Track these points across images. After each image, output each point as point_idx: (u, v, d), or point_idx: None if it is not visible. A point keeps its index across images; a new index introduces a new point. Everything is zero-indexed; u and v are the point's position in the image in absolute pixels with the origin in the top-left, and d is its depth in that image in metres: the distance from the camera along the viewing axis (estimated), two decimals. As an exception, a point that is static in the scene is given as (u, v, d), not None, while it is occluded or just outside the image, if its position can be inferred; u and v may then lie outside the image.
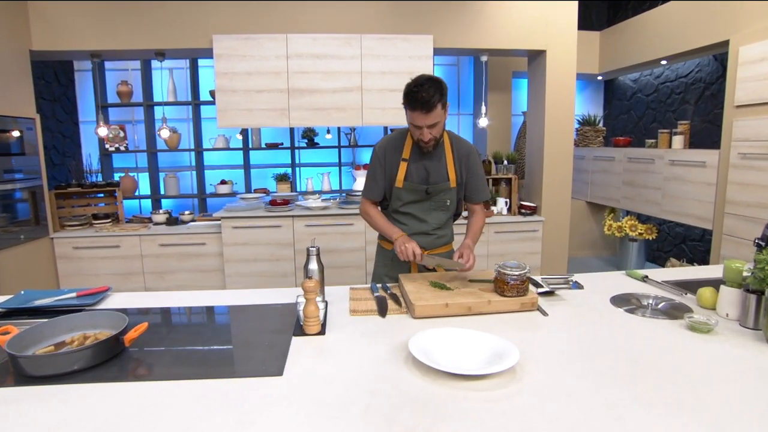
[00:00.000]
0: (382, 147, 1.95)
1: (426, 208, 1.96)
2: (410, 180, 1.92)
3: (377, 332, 1.43)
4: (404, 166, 1.91)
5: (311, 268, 1.61)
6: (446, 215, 1.99)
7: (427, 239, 1.98)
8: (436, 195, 1.94)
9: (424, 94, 1.66)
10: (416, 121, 1.74)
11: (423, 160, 1.91)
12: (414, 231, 1.96)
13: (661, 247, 5.14)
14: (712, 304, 1.53)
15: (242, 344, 1.40)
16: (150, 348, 1.34)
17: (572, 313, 1.55)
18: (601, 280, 1.92)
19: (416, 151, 1.90)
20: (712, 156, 3.62)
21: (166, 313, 1.67)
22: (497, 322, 1.48)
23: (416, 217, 1.97)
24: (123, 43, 3.76)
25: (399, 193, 1.94)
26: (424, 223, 1.97)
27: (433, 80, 1.71)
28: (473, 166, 1.97)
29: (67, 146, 5.10)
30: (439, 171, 1.92)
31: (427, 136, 1.76)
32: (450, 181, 1.93)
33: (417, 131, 1.78)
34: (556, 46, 4.00)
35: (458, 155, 1.94)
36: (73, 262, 3.89)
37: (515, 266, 1.57)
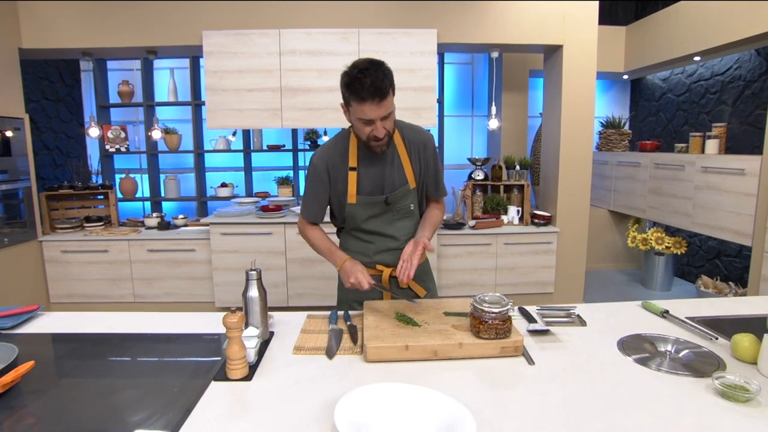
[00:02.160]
0: (322, 158, 1.59)
1: (389, 220, 1.64)
2: (363, 192, 1.59)
3: (316, 379, 1.16)
4: (354, 177, 1.57)
5: (250, 296, 1.35)
6: (412, 222, 1.68)
7: (396, 255, 1.63)
8: (397, 202, 1.62)
9: (373, 79, 1.35)
10: (367, 114, 1.41)
11: (374, 164, 1.58)
12: (381, 249, 1.67)
13: (691, 261, 4.68)
14: (752, 357, 1.19)
15: (147, 389, 1.14)
16: (31, 394, 1.09)
17: (566, 362, 1.23)
18: (611, 314, 1.59)
19: (364, 155, 1.58)
20: (752, 162, 3.20)
21: (80, 342, 1.42)
22: (468, 372, 1.18)
23: (380, 233, 1.65)
24: (113, 40, 3.61)
25: (354, 211, 1.61)
26: (391, 238, 1.66)
27: (376, 62, 1.40)
28: (431, 159, 1.65)
29: (71, 147, 5.02)
30: (395, 173, 1.60)
31: (382, 131, 1.44)
32: (409, 182, 1.62)
33: (367, 128, 1.45)
34: (574, 41, 3.64)
35: (415, 148, 1.61)
36: (62, 267, 3.76)
37: (495, 301, 1.26)
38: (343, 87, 1.43)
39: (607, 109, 5.45)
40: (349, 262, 1.57)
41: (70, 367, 1.27)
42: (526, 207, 3.92)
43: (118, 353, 1.36)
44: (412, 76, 3.58)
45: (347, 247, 1.71)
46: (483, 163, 4.05)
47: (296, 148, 4.67)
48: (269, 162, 4.98)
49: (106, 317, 1.60)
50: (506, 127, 4.80)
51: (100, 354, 1.36)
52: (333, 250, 1.65)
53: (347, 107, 1.48)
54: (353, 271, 1.52)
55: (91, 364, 1.30)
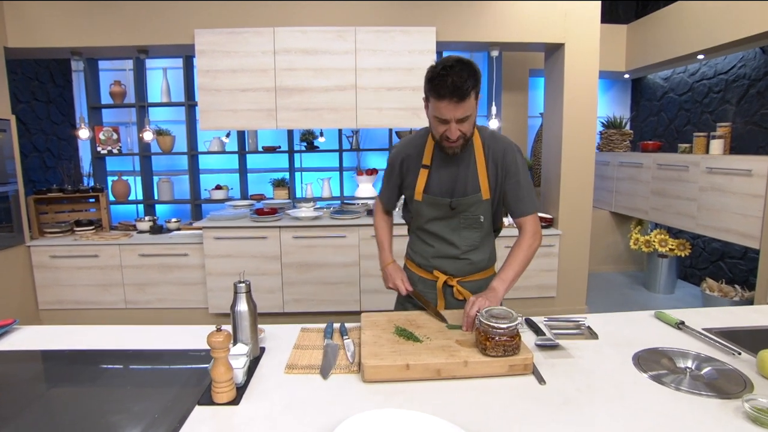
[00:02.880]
0: (399, 152, 1.60)
1: (453, 226, 1.57)
2: (431, 192, 1.55)
3: (309, 402, 1.06)
4: (424, 175, 1.54)
5: (239, 311, 1.25)
6: (479, 234, 1.58)
7: (456, 265, 1.60)
8: (464, 210, 1.54)
9: (455, 78, 1.28)
10: (443, 114, 1.35)
11: (447, 166, 1.53)
12: (440, 254, 1.61)
13: (695, 263, 4.61)
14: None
15: (124, 416, 1.04)
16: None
17: (580, 382, 1.14)
18: (623, 325, 1.50)
19: (439, 155, 1.52)
20: (760, 163, 3.12)
21: (53, 361, 1.33)
22: (475, 392, 1.09)
23: (442, 237, 1.59)
24: (103, 39, 3.51)
25: (419, 208, 1.58)
26: (452, 245, 1.58)
27: (464, 62, 1.33)
28: (512, 168, 1.52)
29: (63, 149, 4.91)
30: (468, 180, 1.52)
31: (455, 133, 1.37)
32: (481, 192, 1.52)
33: (441, 127, 1.39)
34: (575, 39, 3.56)
35: (492, 157, 1.51)
36: (51, 272, 3.65)
37: (502, 314, 1.17)
38: (425, 81, 1.38)
39: (608, 109, 5.38)
40: (393, 266, 1.63)
41: (38, 392, 1.17)
42: (527, 209, 3.83)
43: (93, 374, 1.26)
44: (410, 75, 3.49)
45: (411, 247, 1.72)
46: (483, 164, 3.95)
47: (292, 149, 4.57)
48: (265, 164, 4.88)
49: (86, 331, 1.50)
50: (506, 127, 4.71)
51: (74, 375, 1.26)
52: (385, 247, 1.71)
53: (426, 102, 1.43)
54: (394, 276, 1.60)
55: (63, 387, 1.20)
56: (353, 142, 4.55)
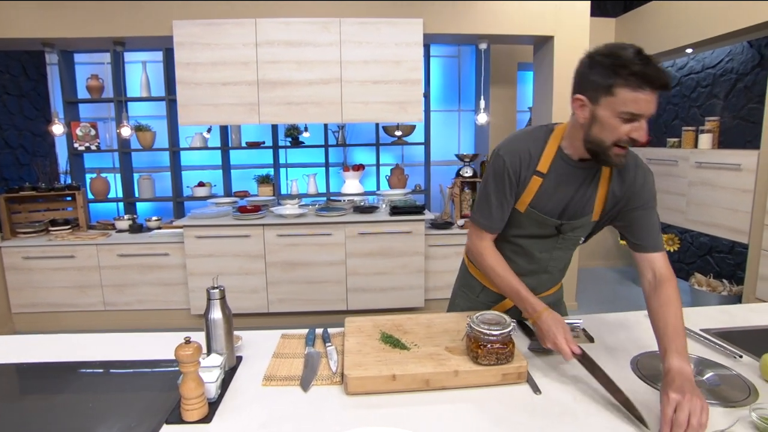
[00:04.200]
0: (515, 151, 1.25)
1: (548, 246, 1.34)
2: (539, 207, 1.27)
3: (287, 419, 0.98)
4: (537, 184, 1.24)
5: (213, 318, 1.16)
6: (570, 253, 1.42)
7: (536, 281, 1.40)
8: (568, 231, 1.31)
9: (656, 66, 1.03)
10: (642, 108, 1.05)
11: (567, 183, 1.24)
12: (523, 272, 1.36)
13: (682, 258, 4.61)
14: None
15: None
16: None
17: (576, 390, 1.07)
18: (618, 327, 1.44)
19: (561, 163, 1.24)
20: (749, 157, 3.10)
21: (7, 375, 1.22)
22: (466, 404, 1.02)
23: (531, 255, 1.36)
24: (76, 30, 3.37)
25: (517, 219, 1.31)
26: (541, 264, 1.38)
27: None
28: (647, 194, 1.25)
29: (37, 145, 4.73)
30: (586, 200, 1.26)
31: (646, 134, 1.09)
32: (593, 213, 1.29)
33: (626, 127, 1.08)
34: (565, 31, 3.50)
35: (622, 175, 1.24)
36: (24, 274, 3.51)
37: (495, 321, 1.10)
38: (607, 69, 1.05)
39: (596, 104, 5.34)
40: (550, 313, 1.18)
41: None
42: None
43: (55, 389, 1.16)
44: (396, 68, 3.40)
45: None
46: (471, 159, 3.89)
47: (277, 144, 4.46)
48: (249, 159, 4.76)
49: (51, 341, 1.39)
50: (494, 121, 4.65)
51: (32, 389, 1.16)
52: (524, 291, 1.25)
53: (598, 98, 1.09)
54: (555, 331, 1.14)
55: (19, 403, 1.10)
56: (339, 138, 4.45)
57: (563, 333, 1.13)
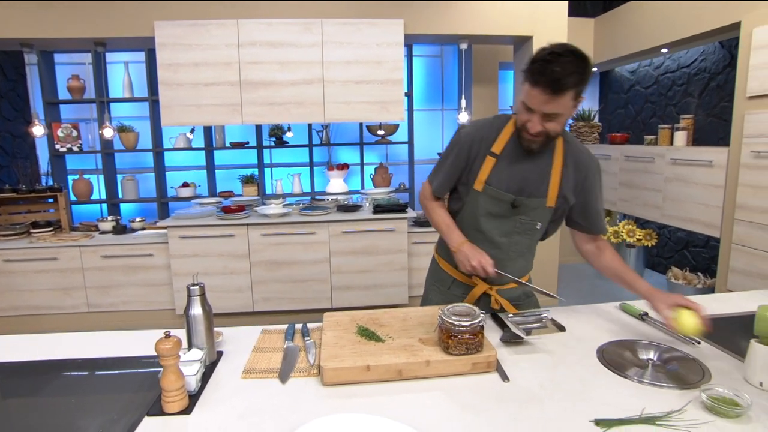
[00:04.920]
0: (472, 133, 1.44)
1: (508, 229, 1.46)
2: (495, 183, 1.41)
3: (265, 410, 1.02)
4: (490, 163, 1.40)
5: (193, 314, 1.19)
6: (530, 242, 1.51)
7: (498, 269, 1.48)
8: (523, 214, 1.42)
9: (557, 69, 1.15)
10: (531, 102, 1.23)
11: (520, 162, 1.39)
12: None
13: (661, 252, 4.72)
14: (695, 330, 1.16)
15: (62, 429, 0.98)
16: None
17: (543, 377, 1.13)
18: (587, 318, 1.50)
19: (513, 147, 1.40)
20: (720, 154, 3.20)
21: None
22: (436, 392, 1.06)
23: (491, 240, 1.47)
24: (56, 31, 3.35)
25: (476, 200, 1.44)
26: (501, 250, 1.47)
27: (576, 55, 1.19)
28: (593, 183, 1.44)
29: (18, 147, 4.67)
30: (539, 181, 1.41)
31: (536, 127, 1.26)
32: (547, 199, 1.42)
33: (525, 116, 1.28)
34: (544, 31, 3.58)
35: (574, 166, 1.41)
36: (5, 277, 3.47)
37: (465, 312, 1.15)
38: (528, 63, 1.23)
39: (577, 102, 5.44)
40: (470, 245, 1.40)
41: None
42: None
43: (35, 388, 1.18)
44: (378, 68, 3.44)
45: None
46: (454, 158, 3.95)
47: (261, 144, 4.47)
48: (233, 160, 4.77)
49: (32, 340, 1.41)
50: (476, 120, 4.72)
51: (11, 389, 1.18)
52: (453, 228, 1.47)
53: (523, 83, 1.27)
54: (475, 255, 1.35)
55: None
56: (323, 137, 4.48)
57: (479, 258, 1.35)
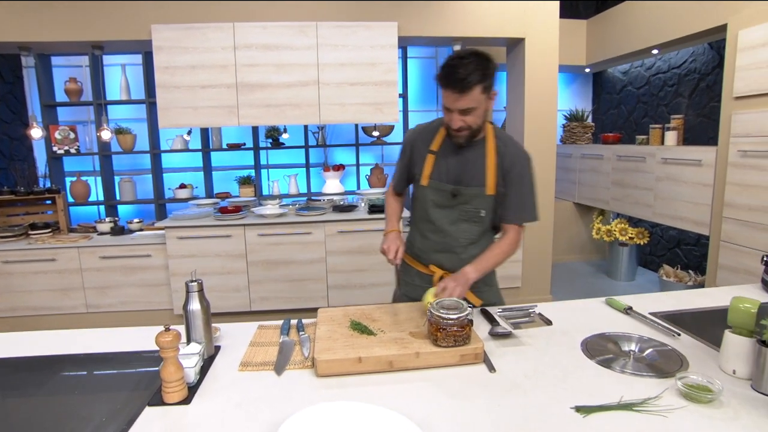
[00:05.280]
0: (411, 136, 1.67)
1: (454, 218, 1.58)
2: (436, 177, 1.58)
3: (261, 399, 1.06)
4: (431, 160, 1.58)
5: (192, 310, 1.24)
6: (479, 229, 1.60)
7: (453, 259, 1.60)
8: (465, 202, 1.56)
9: (460, 71, 1.34)
10: (446, 102, 1.42)
11: (456, 154, 1.56)
12: (438, 248, 1.62)
13: (653, 251, 4.78)
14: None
15: (70, 422, 1.02)
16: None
17: (528, 368, 1.17)
18: (574, 312, 1.55)
19: (449, 144, 1.57)
20: (708, 153, 3.26)
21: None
22: (426, 383, 1.11)
23: (441, 229, 1.59)
24: (54, 34, 3.38)
25: (423, 194, 1.61)
26: (450, 237, 1.59)
27: (478, 55, 1.38)
28: (519, 177, 1.55)
29: (15, 149, 4.70)
30: (475, 171, 1.55)
31: (457, 123, 1.44)
32: (487, 187, 1.55)
33: (447, 116, 1.47)
34: (535, 33, 3.63)
35: (503, 158, 1.55)
36: (4, 278, 3.50)
37: (453, 305, 1.19)
38: (439, 67, 1.43)
39: (571, 102, 5.51)
40: (394, 234, 1.60)
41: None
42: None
43: (39, 381, 1.22)
44: (372, 70, 3.48)
45: (410, 241, 1.73)
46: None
47: (257, 146, 4.51)
48: (230, 161, 4.80)
49: (31, 337, 1.45)
50: (471, 121, 4.77)
51: (16, 383, 1.22)
52: (392, 218, 1.71)
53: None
54: (392, 241, 1.54)
55: (4, 396, 1.16)
56: (319, 138, 4.52)
57: (397, 246, 1.52)
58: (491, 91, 1.42)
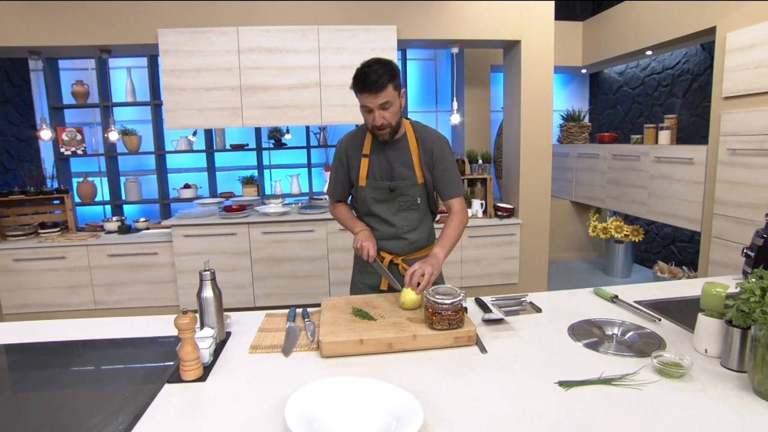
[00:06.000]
0: (343, 145, 1.81)
1: (394, 209, 1.76)
2: (372, 177, 1.75)
3: (270, 378, 1.15)
4: (365, 163, 1.74)
5: (205, 297, 1.33)
6: (418, 215, 1.78)
7: (399, 244, 1.78)
8: (402, 194, 1.74)
9: (372, 75, 1.53)
10: (366, 103, 1.58)
11: (385, 153, 1.73)
12: (384, 236, 1.78)
13: (649, 248, 4.87)
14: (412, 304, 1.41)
15: (97, 397, 1.11)
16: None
17: (518, 350, 1.27)
18: (564, 301, 1.64)
19: (377, 144, 1.73)
20: (699, 152, 3.35)
21: (25, 352, 1.37)
22: (422, 362, 1.20)
23: (384, 219, 1.77)
24: (63, 38, 3.47)
25: (363, 194, 1.77)
26: (393, 226, 1.77)
27: (382, 62, 1.58)
28: (441, 157, 1.75)
29: (23, 150, 4.81)
30: (403, 165, 1.73)
31: (380, 119, 1.59)
32: (417, 177, 1.73)
33: (369, 117, 1.62)
34: (531, 35, 3.72)
35: (423, 146, 1.74)
36: (15, 276, 3.60)
37: (447, 292, 1.29)
38: (351, 81, 1.60)
39: (568, 103, 5.60)
40: (366, 232, 1.73)
41: (13, 379, 1.22)
42: (489, 200, 3.99)
43: (66, 362, 1.32)
44: (373, 72, 3.58)
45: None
46: (447, 158, 4.09)
47: (260, 147, 4.61)
48: (233, 161, 4.90)
49: (55, 325, 1.54)
50: (469, 121, 4.87)
51: (46, 363, 1.31)
52: (354, 220, 1.82)
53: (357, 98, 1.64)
54: (364, 239, 1.67)
55: (37, 374, 1.25)
56: (321, 139, 4.62)
57: (370, 243, 1.65)
58: (400, 89, 1.62)
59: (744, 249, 1.78)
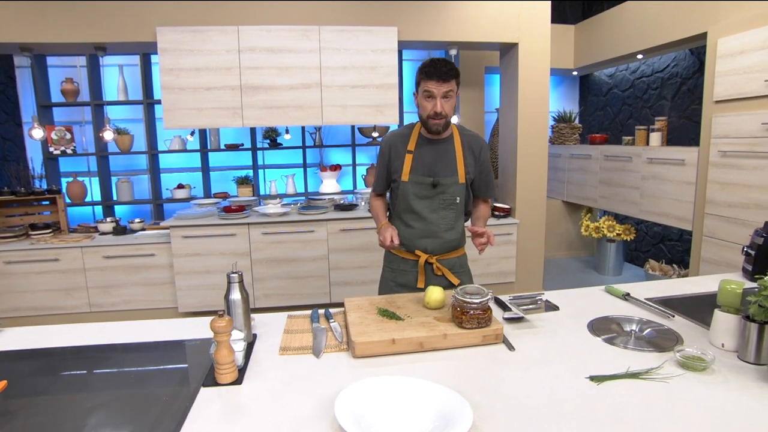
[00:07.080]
0: (388, 141, 1.89)
1: (434, 206, 1.82)
2: (416, 172, 1.81)
3: (306, 379, 1.17)
4: (410, 159, 1.82)
5: (233, 299, 1.34)
6: (455, 214, 1.85)
7: (435, 243, 1.84)
8: (443, 191, 1.80)
9: (443, 66, 1.65)
10: (431, 87, 1.67)
11: (430, 151, 1.81)
12: (421, 234, 1.83)
13: (639, 247, 5.00)
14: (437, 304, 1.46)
15: (134, 401, 1.11)
16: (1, 417, 1.04)
17: (543, 346, 1.30)
18: (577, 299, 1.69)
19: (423, 142, 1.82)
20: (691, 153, 3.45)
21: (48, 357, 1.35)
22: (454, 361, 1.23)
23: (423, 217, 1.82)
24: (57, 35, 3.41)
25: (405, 189, 1.82)
26: (432, 224, 1.82)
27: (448, 60, 1.70)
28: (486, 161, 1.88)
29: (8, 149, 4.69)
30: (448, 164, 1.81)
31: (440, 106, 1.67)
32: (459, 176, 1.81)
33: (429, 104, 1.70)
34: (528, 38, 3.79)
35: (469, 149, 1.84)
36: (6, 279, 3.52)
37: (475, 291, 1.32)
38: (418, 71, 1.71)
39: (559, 104, 5.70)
40: (387, 225, 1.81)
41: (43, 384, 1.21)
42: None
43: (95, 365, 1.31)
44: (373, 73, 3.60)
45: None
46: (444, 158, 4.13)
47: (255, 146, 4.58)
48: (227, 161, 4.86)
49: (71, 329, 1.52)
50: (464, 122, 4.92)
51: (75, 367, 1.31)
52: (380, 215, 1.93)
53: (417, 89, 1.74)
54: (386, 230, 1.75)
55: (67, 378, 1.25)
56: (316, 139, 4.62)
57: (392, 233, 1.72)
58: (458, 88, 1.73)
59: (744, 248, 1.86)
